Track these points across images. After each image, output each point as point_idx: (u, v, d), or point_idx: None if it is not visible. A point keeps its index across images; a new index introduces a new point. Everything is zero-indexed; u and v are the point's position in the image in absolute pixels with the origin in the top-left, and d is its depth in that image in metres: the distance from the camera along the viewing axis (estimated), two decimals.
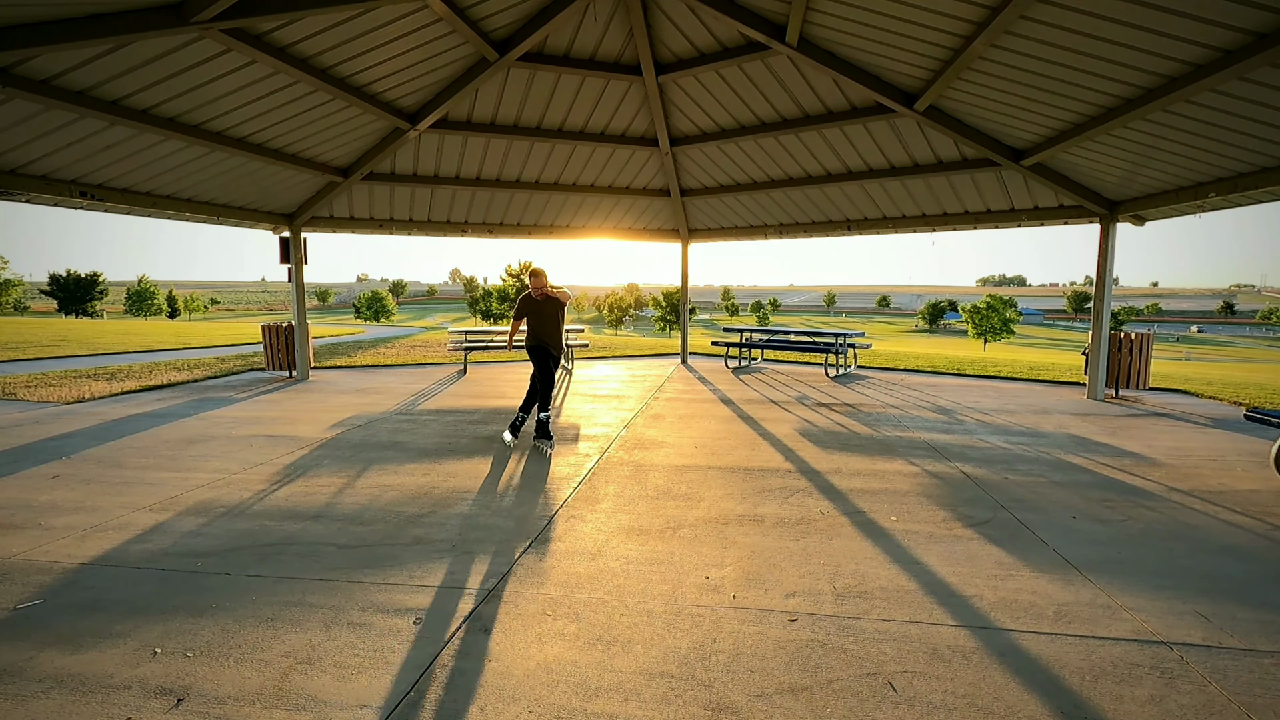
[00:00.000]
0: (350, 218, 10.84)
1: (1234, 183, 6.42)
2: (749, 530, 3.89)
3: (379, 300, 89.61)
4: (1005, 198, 9.28)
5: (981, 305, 65.72)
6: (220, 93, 6.57)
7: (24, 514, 4.11)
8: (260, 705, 2.24)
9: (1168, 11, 4.45)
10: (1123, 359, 8.76)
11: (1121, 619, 2.85)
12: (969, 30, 5.73)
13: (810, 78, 8.28)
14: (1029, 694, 2.32)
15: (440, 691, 2.33)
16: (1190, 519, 4.10)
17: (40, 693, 2.30)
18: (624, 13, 8.05)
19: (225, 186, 8.59)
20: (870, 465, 5.34)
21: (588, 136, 10.35)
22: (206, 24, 5.19)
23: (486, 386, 9.67)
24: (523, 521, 4.02)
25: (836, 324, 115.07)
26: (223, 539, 3.71)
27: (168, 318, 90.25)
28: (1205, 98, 5.26)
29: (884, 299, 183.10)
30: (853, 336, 11.19)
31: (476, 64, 8.13)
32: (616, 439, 6.25)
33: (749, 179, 11.15)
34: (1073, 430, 6.69)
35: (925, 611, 2.91)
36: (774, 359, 13.67)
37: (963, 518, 4.10)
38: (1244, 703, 2.27)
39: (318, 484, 4.76)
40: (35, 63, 5.26)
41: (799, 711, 2.23)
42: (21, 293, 75.45)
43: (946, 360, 14.25)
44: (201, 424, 6.85)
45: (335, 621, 2.80)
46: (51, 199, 7.03)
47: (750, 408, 7.96)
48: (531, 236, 12.49)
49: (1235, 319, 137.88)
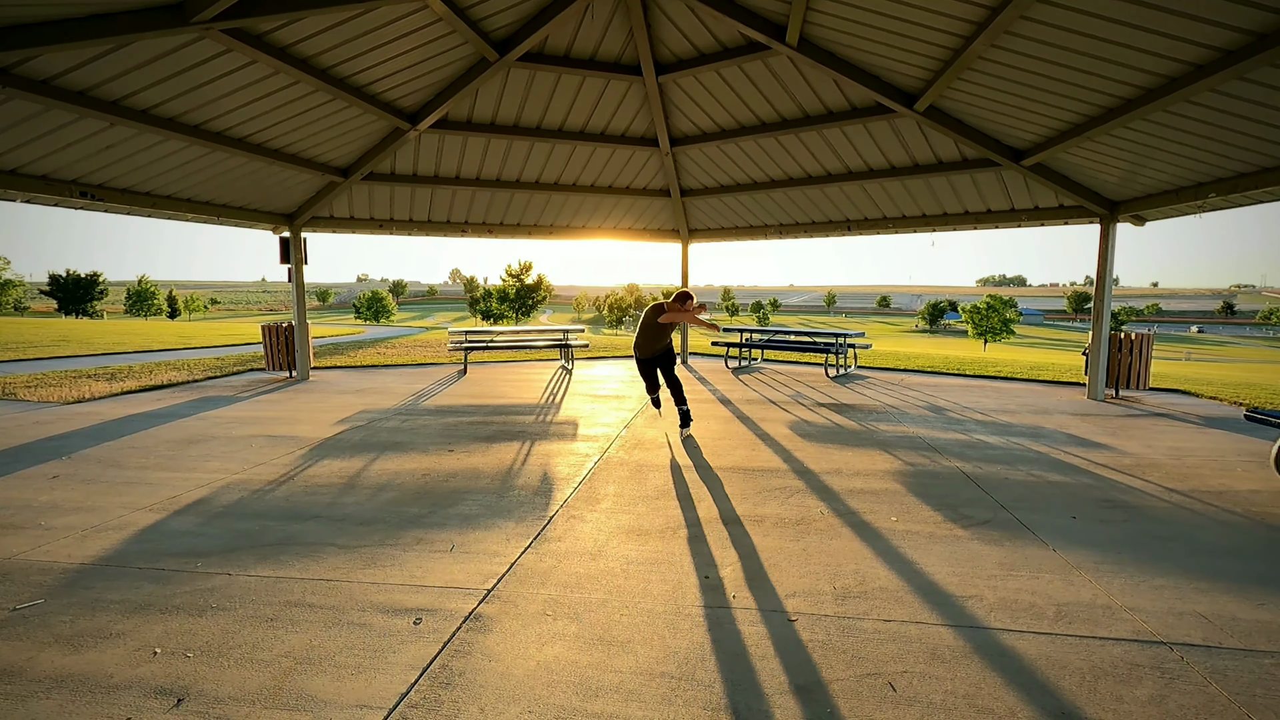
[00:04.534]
0: (350, 218, 10.85)
1: (1234, 183, 6.42)
2: (749, 530, 3.89)
3: (379, 300, 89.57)
4: (1005, 198, 9.28)
5: (981, 305, 65.71)
6: (220, 93, 6.57)
7: (24, 514, 4.11)
8: (260, 705, 2.24)
9: (1168, 11, 4.45)
10: (1123, 359, 8.76)
11: (1122, 619, 2.85)
12: (969, 30, 5.73)
13: (810, 78, 8.28)
14: (1029, 694, 2.32)
15: (440, 691, 2.32)
16: (1190, 519, 4.10)
17: (40, 693, 2.30)
18: (624, 13, 8.05)
19: (225, 187, 8.59)
20: (870, 465, 5.34)
21: (588, 137, 10.35)
22: (207, 24, 5.19)
23: (486, 387, 9.67)
24: (522, 521, 4.02)
25: (836, 324, 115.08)
26: (223, 539, 3.71)
27: (168, 318, 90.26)
28: (1205, 98, 5.26)
29: (884, 299, 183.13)
30: (852, 337, 11.18)
31: (476, 64, 8.13)
32: (617, 439, 6.25)
33: (749, 179, 11.15)
34: (1073, 430, 6.69)
35: (925, 612, 2.91)
36: (774, 359, 13.67)
37: (963, 518, 4.10)
38: (1244, 703, 2.27)
39: (318, 484, 4.76)
40: (35, 63, 5.26)
41: (799, 712, 2.23)
42: (21, 293, 75.42)
43: (946, 360, 14.25)
44: (201, 424, 6.85)
45: (335, 621, 2.80)
46: (51, 199, 7.03)
47: (750, 408, 7.96)
48: (531, 237, 12.50)
49: (1235, 319, 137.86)
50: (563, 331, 12.00)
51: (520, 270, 74.07)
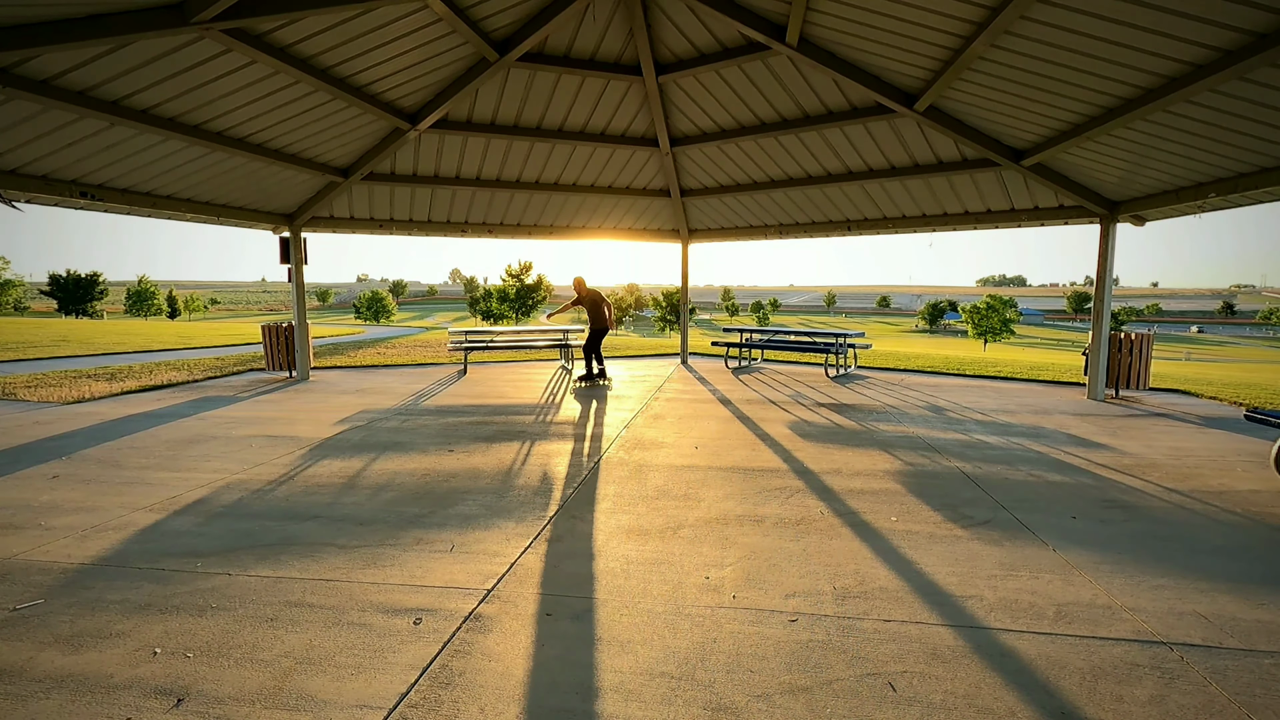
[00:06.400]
0: (350, 218, 10.84)
1: (1234, 183, 6.42)
2: (749, 530, 3.89)
3: (379, 300, 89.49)
4: (1005, 198, 9.28)
5: (981, 305, 65.68)
6: (220, 93, 6.56)
7: (24, 514, 4.11)
8: (260, 705, 2.24)
9: (1168, 11, 4.45)
10: (1123, 359, 8.76)
11: (1121, 619, 2.85)
12: (969, 30, 5.72)
13: (810, 78, 8.28)
14: (1029, 694, 2.32)
15: (440, 691, 2.33)
16: (1190, 519, 4.10)
17: (40, 693, 2.30)
18: (624, 13, 8.05)
19: (225, 187, 8.59)
20: (870, 465, 5.34)
21: (588, 137, 10.34)
22: (207, 24, 5.18)
23: (486, 386, 9.67)
24: (522, 521, 4.02)
25: (836, 324, 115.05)
26: (223, 539, 3.71)
27: (168, 318, 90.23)
28: (1205, 98, 5.26)
29: (884, 299, 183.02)
30: (852, 336, 11.18)
31: (476, 64, 8.13)
32: (617, 439, 6.25)
33: (749, 179, 11.14)
34: (1073, 430, 6.69)
35: (925, 611, 2.91)
36: (774, 359, 13.67)
37: (963, 518, 4.10)
38: (1244, 703, 2.27)
39: (318, 484, 4.76)
40: (35, 63, 5.26)
41: (799, 712, 2.23)
42: (21, 293, 75.39)
43: (946, 360, 14.25)
44: (201, 424, 6.85)
45: (335, 621, 2.80)
46: (52, 199, 7.02)
47: (750, 408, 7.96)
48: (531, 237, 12.50)
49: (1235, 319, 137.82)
50: (563, 331, 12.00)
51: (520, 270, 74.09)
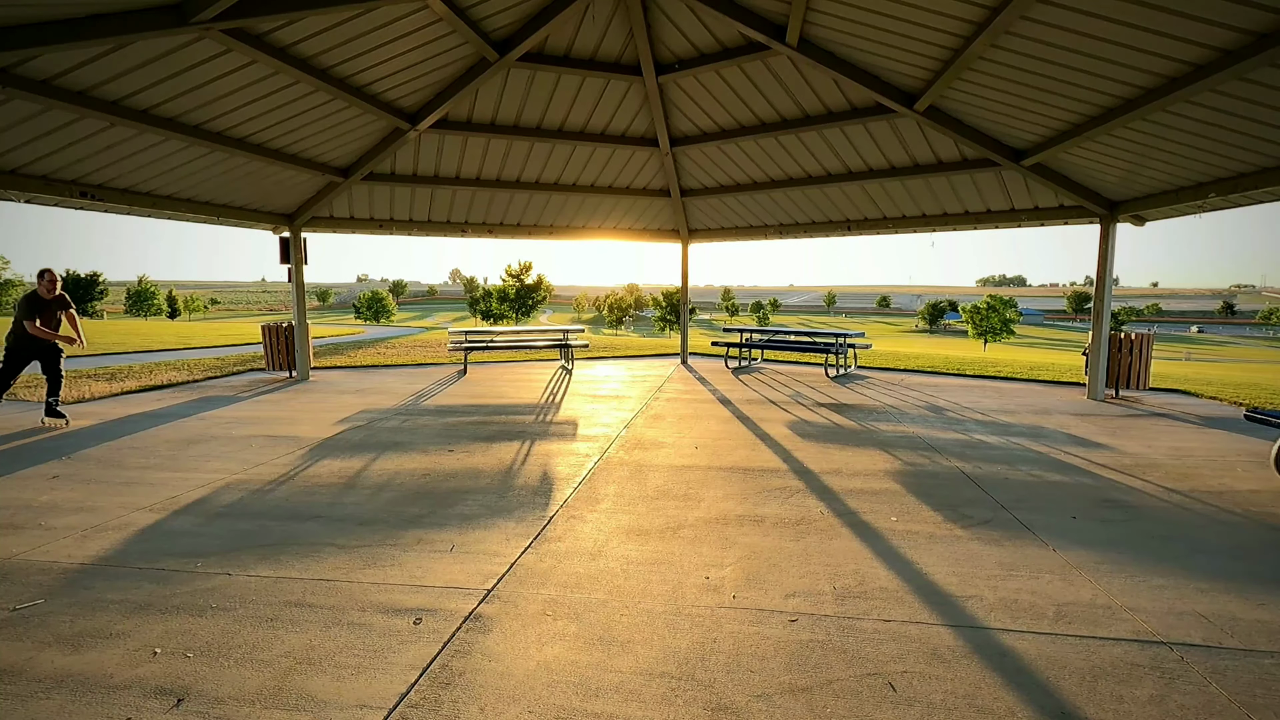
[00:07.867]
0: (350, 218, 10.85)
1: (1234, 183, 6.42)
2: (749, 530, 3.89)
3: (379, 300, 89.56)
4: (1005, 198, 9.28)
5: (981, 305, 65.73)
6: (220, 93, 6.57)
7: (24, 514, 4.11)
8: (260, 705, 2.24)
9: (1168, 11, 4.45)
10: (1123, 359, 8.76)
11: (1121, 619, 2.85)
12: (969, 30, 5.72)
13: (810, 78, 8.28)
14: (1029, 694, 2.32)
15: (440, 691, 2.32)
16: (1190, 519, 4.10)
17: (40, 693, 2.30)
18: (624, 13, 8.05)
19: (225, 187, 8.59)
20: (870, 465, 5.34)
21: (588, 137, 10.35)
22: (207, 24, 5.19)
23: (486, 387, 9.67)
24: (522, 521, 4.02)
25: (836, 324, 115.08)
26: (223, 539, 3.70)
27: (168, 318, 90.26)
28: (1205, 98, 5.26)
29: (884, 299, 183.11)
30: (852, 337, 11.19)
31: (477, 64, 8.13)
32: (617, 439, 6.25)
33: (749, 179, 11.15)
34: (1073, 430, 6.69)
35: (925, 611, 2.91)
36: (774, 359, 13.67)
37: (963, 518, 4.10)
38: (1244, 703, 2.27)
39: (318, 484, 4.76)
40: (35, 63, 5.26)
41: (799, 712, 2.23)
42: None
43: (946, 360, 14.25)
44: (202, 424, 6.85)
45: (335, 621, 2.80)
46: (52, 199, 7.03)
47: (750, 408, 7.96)
48: (531, 237, 12.50)
49: (1235, 319, 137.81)
50: (563, 331, 12.00)
51: (520, 270, 74.14)
